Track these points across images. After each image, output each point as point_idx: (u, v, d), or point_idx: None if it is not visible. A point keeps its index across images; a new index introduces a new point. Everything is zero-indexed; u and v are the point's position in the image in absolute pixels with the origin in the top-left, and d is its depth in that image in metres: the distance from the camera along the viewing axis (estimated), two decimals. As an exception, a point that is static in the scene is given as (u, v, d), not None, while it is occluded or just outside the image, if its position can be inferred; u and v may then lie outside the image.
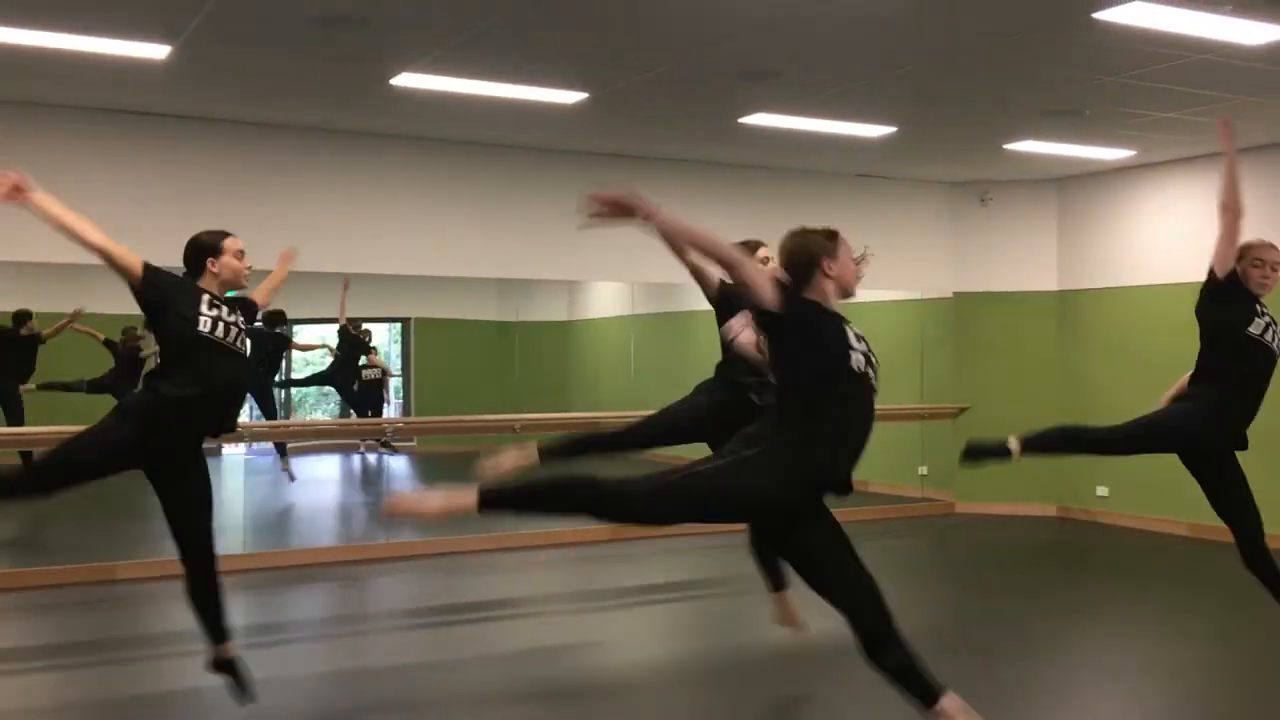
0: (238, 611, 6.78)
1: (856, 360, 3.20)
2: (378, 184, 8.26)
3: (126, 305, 4.23)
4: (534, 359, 12.98)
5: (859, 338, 3.29)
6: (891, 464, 10.87)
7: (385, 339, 14.85)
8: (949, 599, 7.06)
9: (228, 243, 4.27)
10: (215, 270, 4.23)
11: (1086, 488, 10.01)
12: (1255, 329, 4.73)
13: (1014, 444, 5.02)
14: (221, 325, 4.12)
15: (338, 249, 8.12)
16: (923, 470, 10.81)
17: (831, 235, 3.32)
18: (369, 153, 8.21)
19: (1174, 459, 9.46)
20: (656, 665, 5.59)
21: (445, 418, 10.61)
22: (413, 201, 8.38)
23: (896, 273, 10.25)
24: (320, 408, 13.89)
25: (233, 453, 11.84)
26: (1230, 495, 4.81)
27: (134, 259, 4.05)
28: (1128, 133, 8.08)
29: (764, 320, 3.20)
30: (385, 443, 11.05)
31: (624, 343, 11.72)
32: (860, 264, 3.35)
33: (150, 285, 4.07)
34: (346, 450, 13.11)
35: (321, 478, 12.34)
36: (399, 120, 7.73)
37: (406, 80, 6.50)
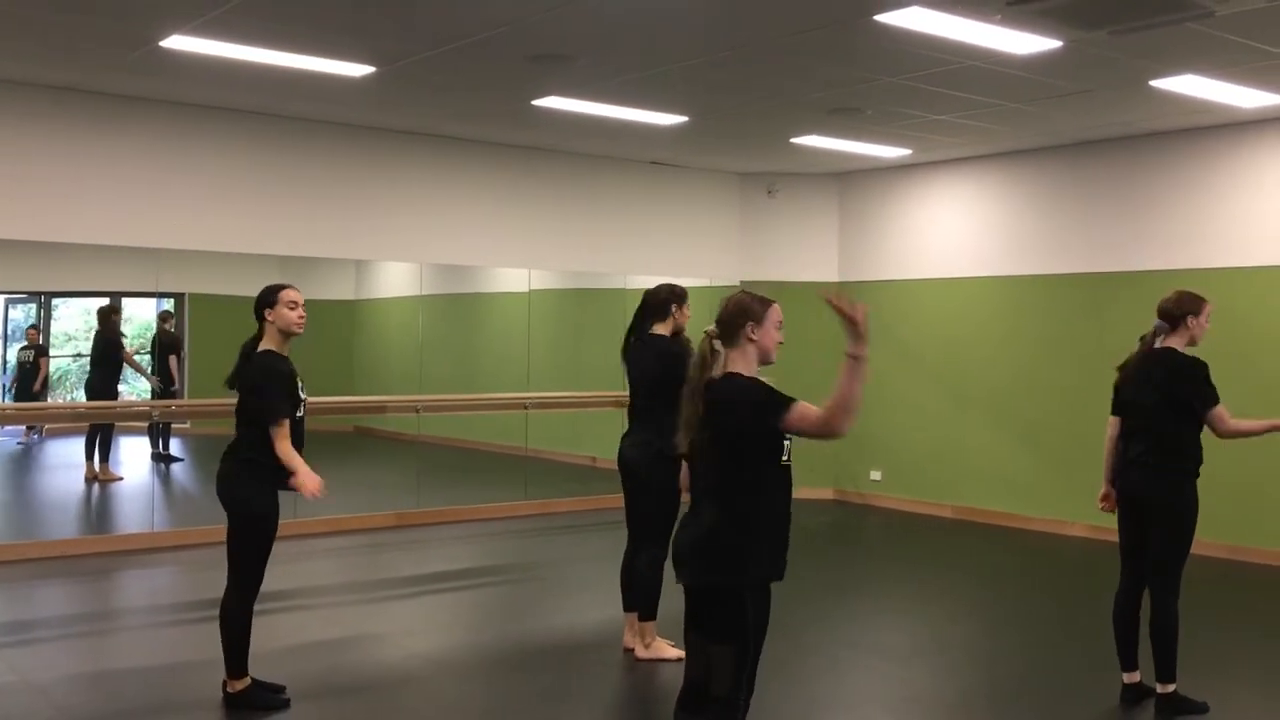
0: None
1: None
2: (148, 152, 7.76)
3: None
4: (318, 339, 12.53)
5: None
6: (678, 449, 11.03)
7: (157, 315, 14.05)
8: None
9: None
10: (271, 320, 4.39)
11: (861, 472, 10.44)
12: None
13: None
14: None
15: (103, 219, 7.61)
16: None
17: (765, 303, 3.38)
18: (138, 118, 7.71)
19: (942, 447, 10.00)
20: (434, 657, 5.48)
21: (224, 400, 10.11)
22: (187, 172, 7.92)
23: (687, 260, 10.41)
24: (81, 388, 13.03)
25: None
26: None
27: None
28: (905, 132, 8.43)
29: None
30: (33, 429, 10.53)
31: (412, 324, 11.47)
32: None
33: None
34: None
35: (77, 462, 11.57)
36: (171, 84, 7.28)
37: (178, 42, 6.11)
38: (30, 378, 11.03)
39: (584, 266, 10.07)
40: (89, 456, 10.03)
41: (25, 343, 11.48)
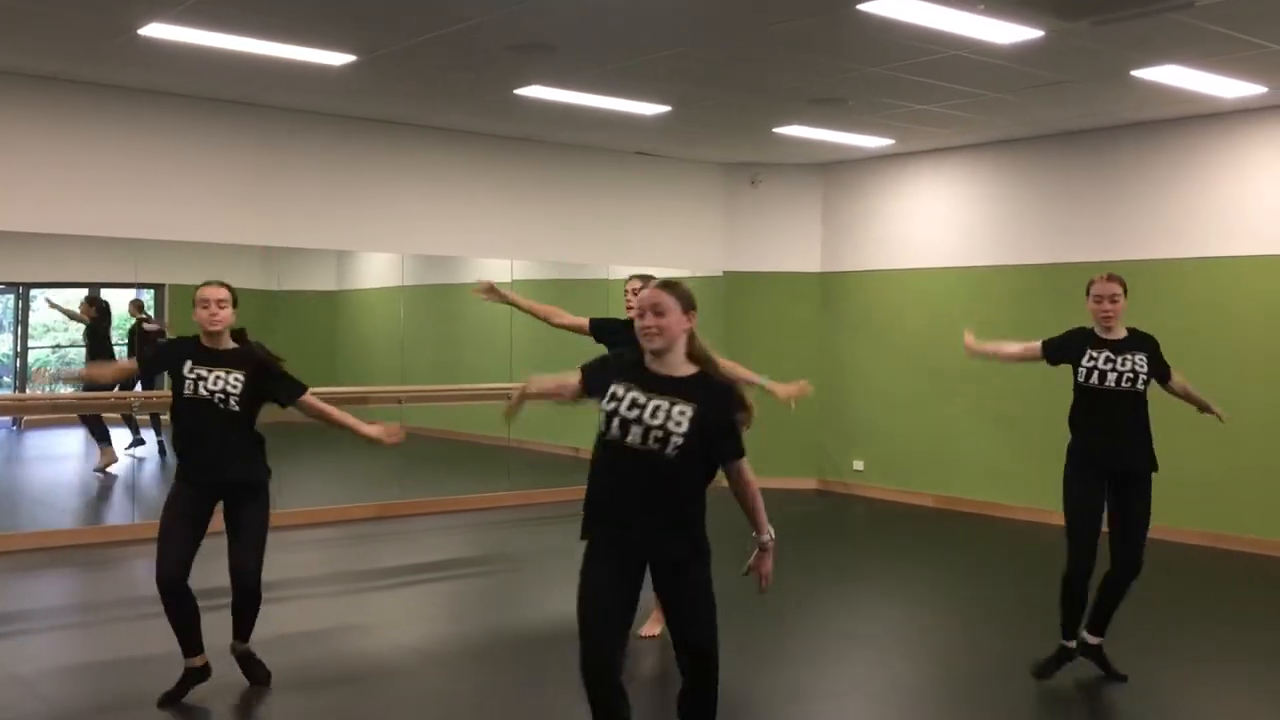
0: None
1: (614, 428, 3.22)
2: (127, 142, 7.70)
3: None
4: (299, 330, 12.49)
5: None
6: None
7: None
8: (713, 569, 7.22)
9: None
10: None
11: (845, 462, 10.46)
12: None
13: (1087, 639, 4.86)
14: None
15: (84, 210, 7.55)
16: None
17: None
18: (117, 107, 7.65)
19: (925, 437, 10.03)
20: (417, 648, 5.47)
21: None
22: (167, 162, 7.86)
23: (670, 251, 10.40)
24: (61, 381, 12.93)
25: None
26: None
27: None
28: (887, 122, 8.43)
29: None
30: None
31: (392, 314, 11.43)
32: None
33: None
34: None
35: (64, 454, 11.49)
36: (150, 73, 7.22)
37: (157, 30, 6.06)
38: None
39: (566, 257, 10.05)
40: (100, 441, 9.97)
41: None
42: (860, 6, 5.42)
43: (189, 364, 4.41)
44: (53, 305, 11.50)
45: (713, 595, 3.43)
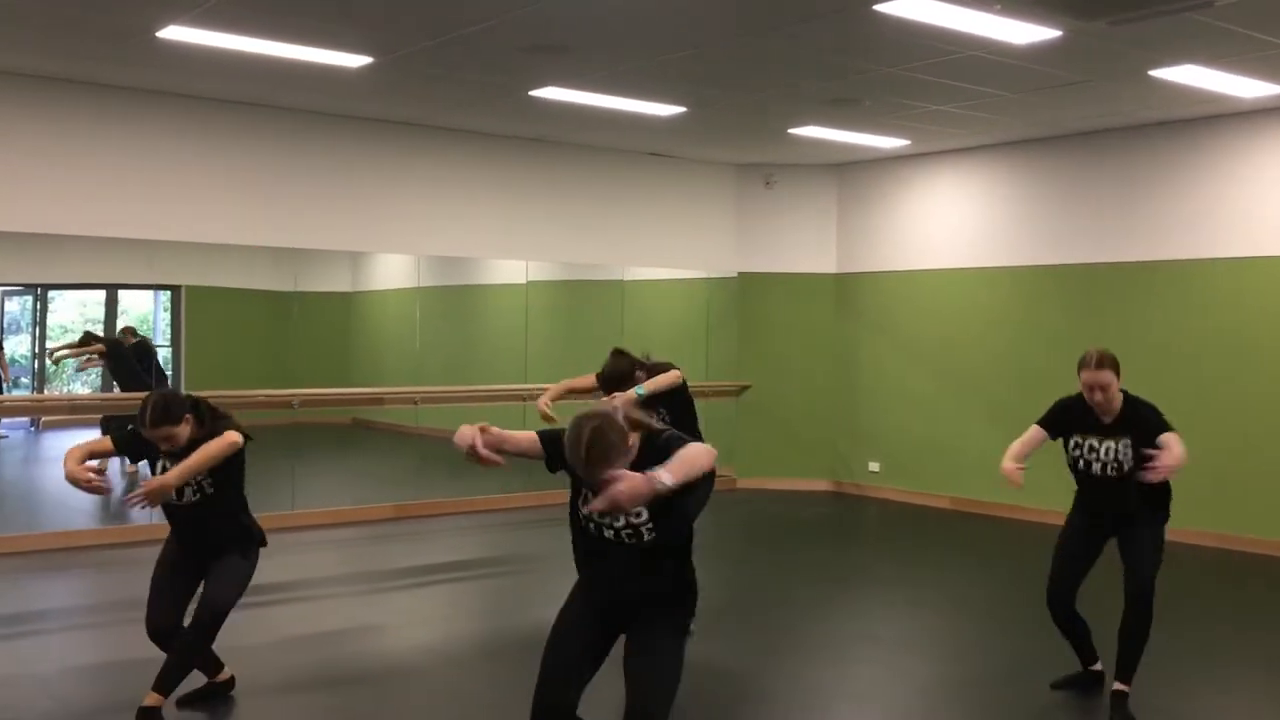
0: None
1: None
2: (146, 143, 7.74)
3: None
4: (314, 331, 12.53)
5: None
6: (676, 440, 11.03)
7: (153, 307, 14.02)
8: (727, 571, 7.22)
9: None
10: None
11: (860, 464, 10.44)
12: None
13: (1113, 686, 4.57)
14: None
15: (101, 212, 7.58)
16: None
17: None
18: (135, 109, 7.68)
19: (940, 438, 10.01)
20: (435, 648, 5.48)
21: (217, 392, 10.10)
22: (183, 163, 7.89)
23: (684, 252, 10.40)
24: (78, 380, 13.01)
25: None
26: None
27: None
28: (903, 123, 8.41)
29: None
30: None
31: (409, 316, 11.45)
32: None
33: None
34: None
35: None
36: (168, 76, 7.25)
37: (174, 33, 6.09)
38: None
39: (580, 258, 10.05)
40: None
41: None
42: (877, 7, 5.40)
43: (161, 463, 4.23)
44: (59, 359, 11.47)
45: (678, 662, 3.15)
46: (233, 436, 4.12)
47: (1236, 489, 7.93)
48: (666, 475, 2.78)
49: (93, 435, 11.18)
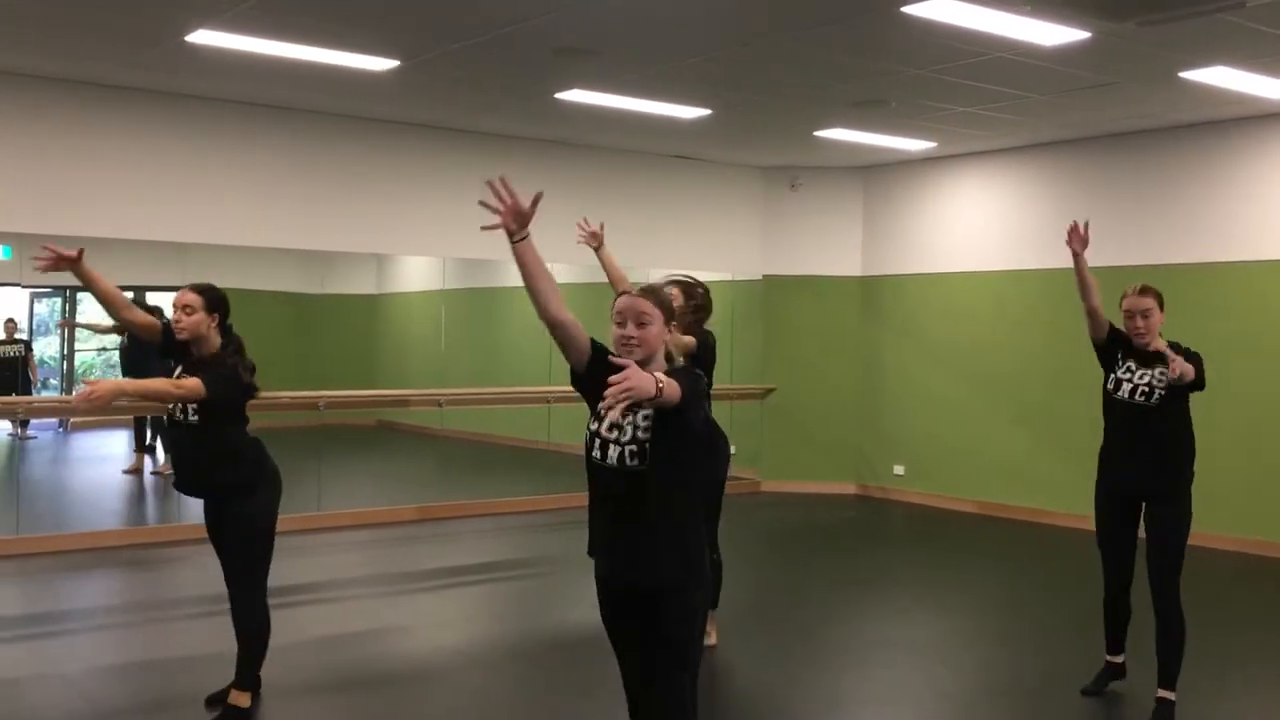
0: (9, 600, 6.36)
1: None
2: (175, 147, 7.79)
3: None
4: (340, 333, 12.60)
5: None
6: (700, 443, 11.01)
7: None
8: (751, 575, 7.20)
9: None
10: None
11: (885, 467, 10.39)
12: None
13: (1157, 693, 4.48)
14: None
15: (129, 214, 7.64)
16: (731, 450, 10.98)
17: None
18: (163, 112, 7.74)
19: (966, 441, 9.95)
20: (459, 650, 5.49)
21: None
22: (212, 166, 7.94)
23: (709, 254, 10.38)
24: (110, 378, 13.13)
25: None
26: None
27: None
28: (930, 125, 8.38)
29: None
30: (24, 423, 10.56)
31: (434, 317, 11.48)
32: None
33: None
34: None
35: (110, 455, 11.64)
36: (197, 80, 7.30)
37: (204, 37, 6.14)
38: (16, 371, 10.96)
39: (606, 260, 10.04)
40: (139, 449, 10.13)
41: (3, 336, 11.34)
42: (904, 9, 5.38)
43: (178, 369, 4.26)
44: (73, 325, 11.53)
45: (680, 703, 2.87)
46: (186, 385, 4.06)
47: (1260, 492, 7.85)
48: (665, 381, 2.65)
49: (122, 436, 11.32)
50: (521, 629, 5.92)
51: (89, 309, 11.85)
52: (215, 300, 4.29)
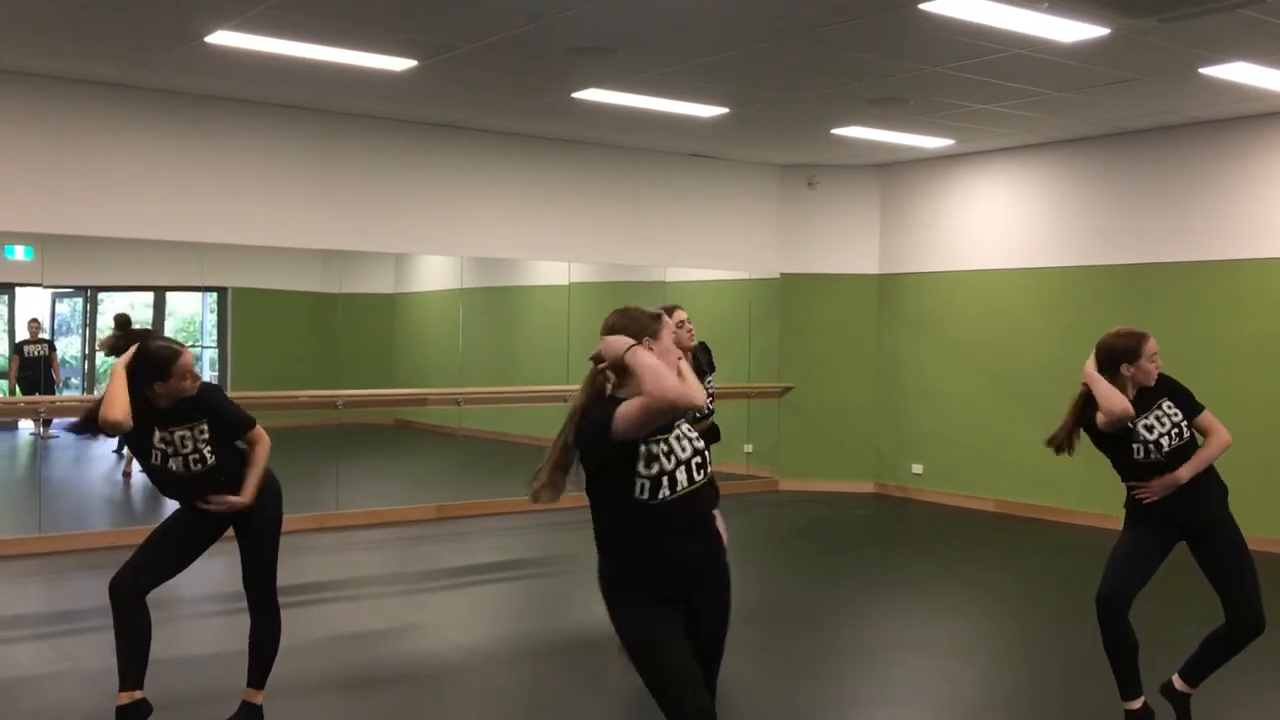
0: (32, 598, 6.41)
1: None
2: (194, 147, 7.83)
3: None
4: (358, 332, 12.63)
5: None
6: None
7: (200, 309, 14.19)
8: (770, 573, 7.19)
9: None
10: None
11: (903, 465, 10.36)
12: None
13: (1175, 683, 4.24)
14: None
15: (149, 215, 7.69)
16: (748, 448, 10.99)
17: (656, 316, 3.05)
18: (183, 113, 7.78)
19: (984, 439, 9.89)
20: (477, 648, 5.50)
21: (264, 393, 10.21)
22: (232, 166, 7.99)
23: (726, 253, 10.38)
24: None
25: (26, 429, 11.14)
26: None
27: None
28: (947, 122, 8.34)
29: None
30: (47, 422, 10.59)
31: (452, 317, 11.51)
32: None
33: None
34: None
35: (129, 455, 11.70)
36: (216, 80, 7.34)
37: (223, 38, 6.17)
38: (40, 371, 10.96)
39: (623, 259, 10.06)
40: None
41: (28, 336, 11.31)
42: (923, 6, 5.36)
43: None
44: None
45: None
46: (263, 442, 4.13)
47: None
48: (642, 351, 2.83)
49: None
50: (538, 628, 5.93)
51: (109, 308, 11.92)
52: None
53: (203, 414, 4.04)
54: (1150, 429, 4.10)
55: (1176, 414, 4.10)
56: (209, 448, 4.07)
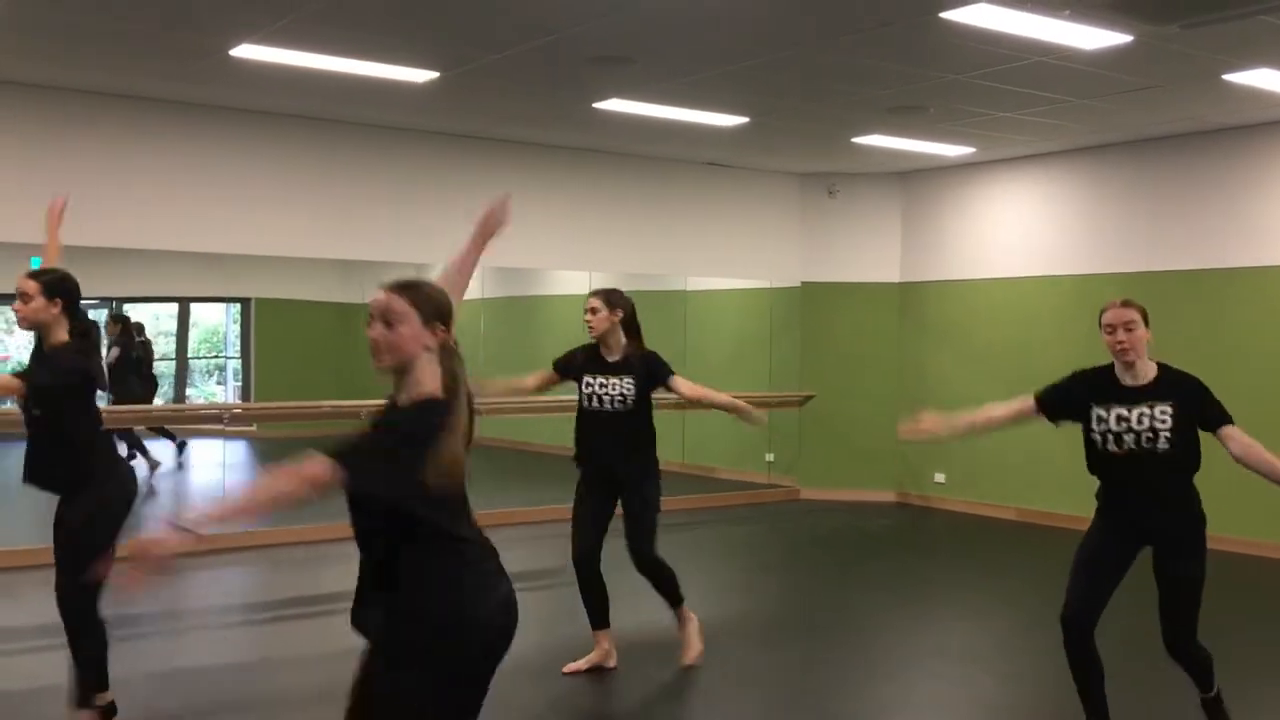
0: (43, 609, 6.44)
1: None
2: (218, 159, 7.90)
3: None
4: (380, 342, 12.64)
5: None
6: (738, 450, 11.01)
7: (224, 319, 14.30)
8: (792, 582, 7.18)
9: None
10: None
11: (925, 474, 10.33)
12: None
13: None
14: None
15: (173, 226, 7.76)
16: (769, 457, 10.98)
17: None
18: (207, 125, 7.85)
19: (1007, 448, 9.85)
20: (509, 657, 5.49)
21: (287, 403, 10.27)
22: (255, 178, 8.05)
23: (747, 261, 10.38)
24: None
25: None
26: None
27: None
28: (969, 130, 8.33)
29: None
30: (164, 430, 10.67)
31: (473, 327, 11.55)
32: None
33: None
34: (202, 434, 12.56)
35: (137, 462, 11.77)
36: (239, 92, 7.40)
37: (247, 51, 6.22)
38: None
39: (644, 268, 10.07)
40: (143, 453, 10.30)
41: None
42: (944, 14, 5.36)
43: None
44: None
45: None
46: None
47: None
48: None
49: (155, 445, 11.40)
50: (552, 638, 5.93)
51: (134, 318, 12.00)
52: (55, 285, 3.94)
53: None
54: (1121, 419, 3.87)
55: (1167, 421, 3.78)
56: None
